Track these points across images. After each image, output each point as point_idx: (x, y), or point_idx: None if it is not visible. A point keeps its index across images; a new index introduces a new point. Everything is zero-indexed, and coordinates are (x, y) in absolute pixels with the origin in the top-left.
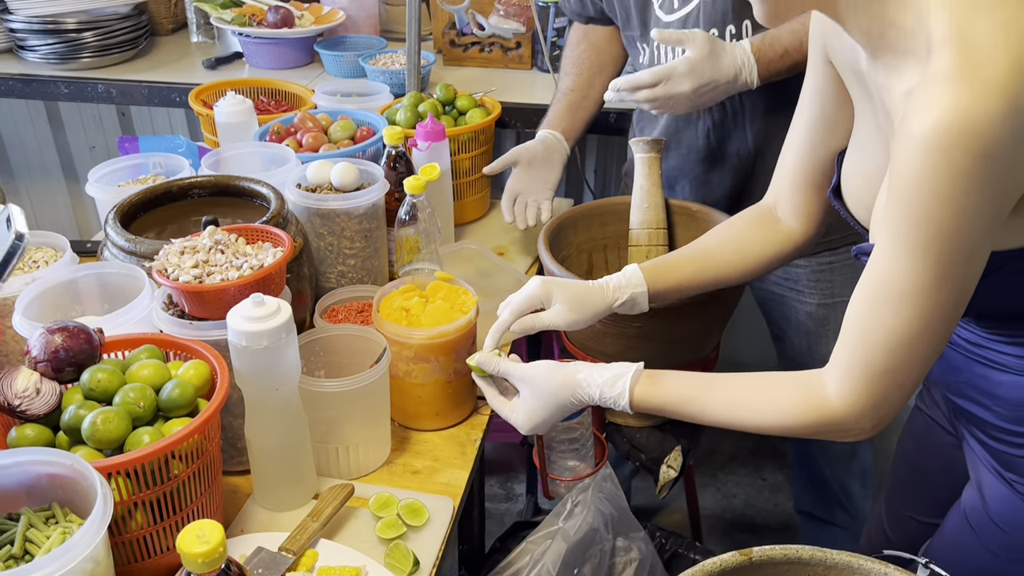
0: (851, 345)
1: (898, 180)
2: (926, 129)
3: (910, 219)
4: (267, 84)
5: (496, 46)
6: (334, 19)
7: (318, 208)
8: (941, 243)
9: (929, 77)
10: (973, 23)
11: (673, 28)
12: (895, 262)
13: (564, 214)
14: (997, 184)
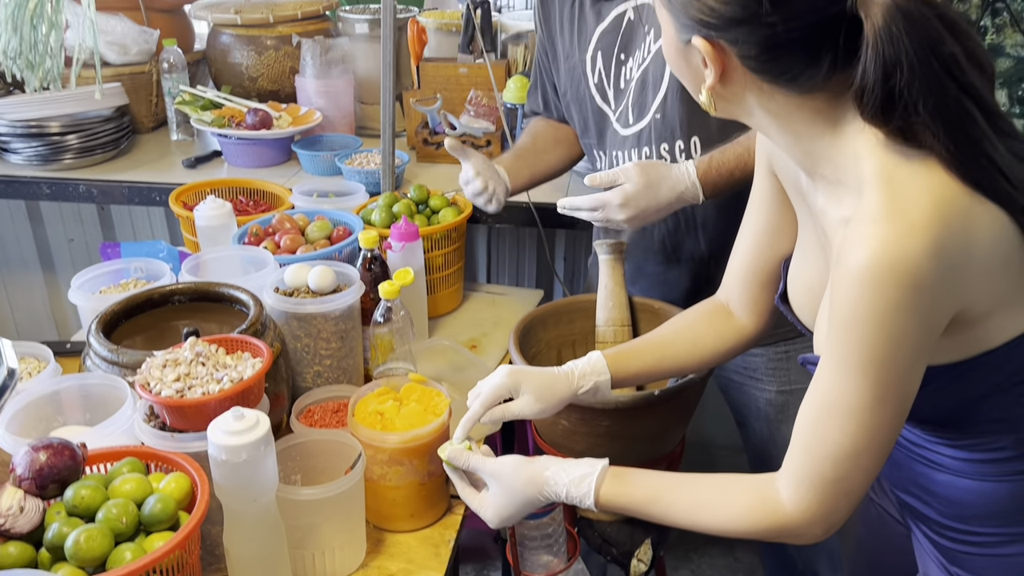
0: (801, 456)
1: (838, 308)
2: (860, 264)
3: (850, 343)
4: (245, 184)
5: (467, 144)
6: (311, 120)
7: (295, 312)
8: (878, 366)
9: (862, 215)
10: (899, 169)
11: (628, 142)
12: (838, 381)
13: (533, 313)
14: (926, 313)
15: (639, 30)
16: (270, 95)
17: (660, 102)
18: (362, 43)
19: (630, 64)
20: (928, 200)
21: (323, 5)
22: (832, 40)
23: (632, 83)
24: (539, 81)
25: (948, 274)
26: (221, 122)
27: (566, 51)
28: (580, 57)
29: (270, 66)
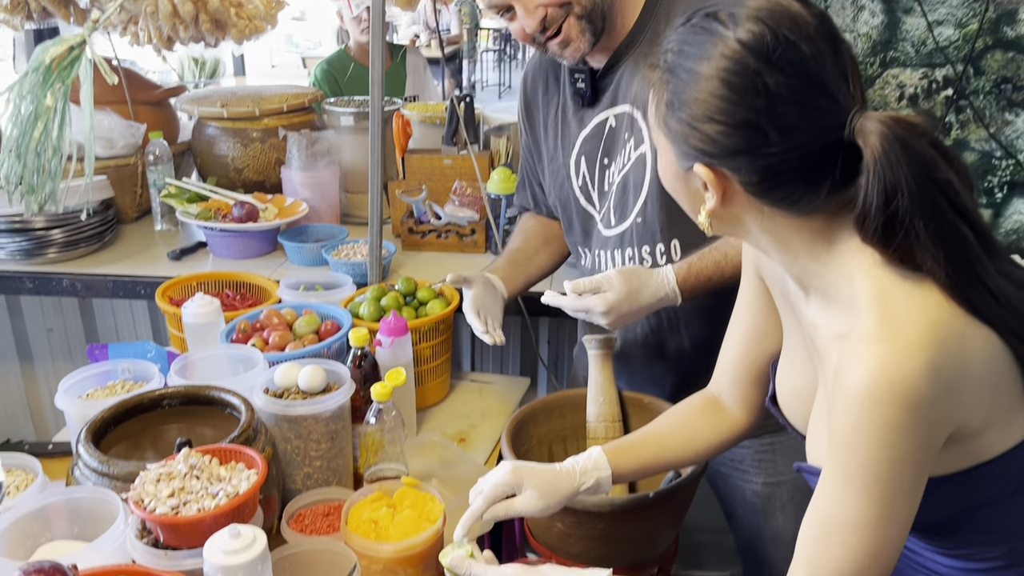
0: (805, 570)
1: (839, 427)
2: (860, 386)
3: (852, 462)
4: (231, 277)
5: (452, 233)
6: (297, 211)
7: (285, 414)
8: (881, 484)
9: (859, 335)
10: (894, 290)
11: (611, 243)
12: (841, 498)
13: (525, 410)
14: (926, 432)
15: (620, 136)
16: (256, 186)
17: (641, 206)
18: (347, 134)
19: (612, 168)
20: (924, 321)
21: (308, 98)
22: (831, 166)
23: (614, 186)
24: (526, 179)
25: (945, 393)
26: (207, 215)
27: (550, 154)
28: (564, 161)
29: (256, 157)
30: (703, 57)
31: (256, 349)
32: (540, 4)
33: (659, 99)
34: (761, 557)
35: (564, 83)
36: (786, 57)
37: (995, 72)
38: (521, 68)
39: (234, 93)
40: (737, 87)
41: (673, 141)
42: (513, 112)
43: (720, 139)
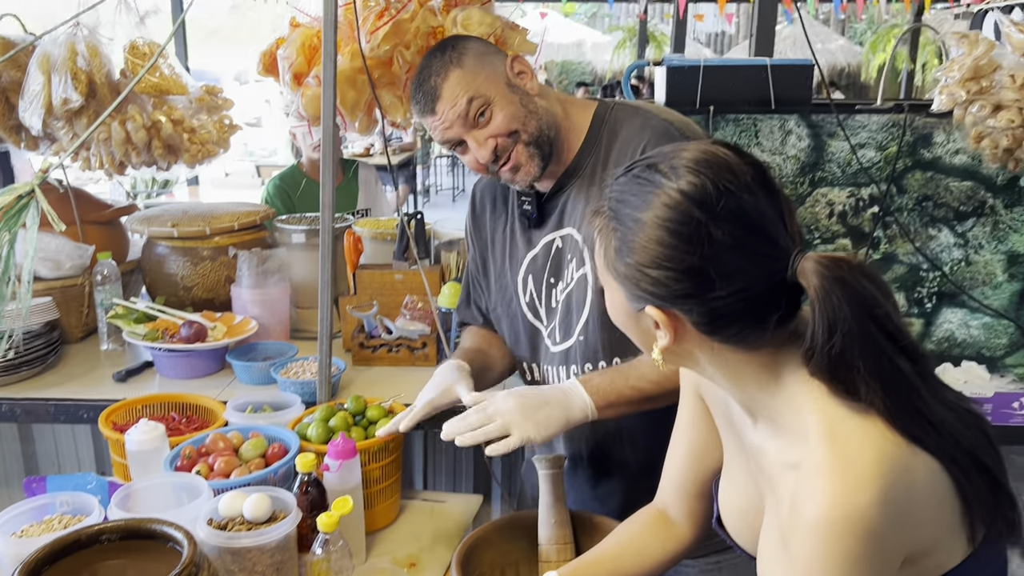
0: None
1: (797, 560)
2: (816, 519)
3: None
4: (178, 399)
5: (403, 347)
6: (246, 330)
7: (229, 546)
8: None
9: (811, 469)
10: (842, 423)
11: (557, 359)
12: None
13: (476, 533)
14: (881, 560)
15: (565, 258)
16: (205, 304)
17: (583, 325)
18: (299, 251)
19: (558, 287)
20: (872, 454)
21: (259, 215)
22: (776, 304)
23: (559, 304)
24: (472, 293)
25: (896, 522)
26: (155, 335)
27: (498, 270)
28: (512, 278)
29: (205, 276)
30: (647, 206)
31: (200, 477)
32: (489, 136)
33: (606, 244)
34: None
35: (512, 204)
36: (727, 207)
37: (916, 191)
38: (474, 173)
39: (185, 212)
40: (683, 236)
41: (623, 284)
42: (464, 223)
43: (669, 284)
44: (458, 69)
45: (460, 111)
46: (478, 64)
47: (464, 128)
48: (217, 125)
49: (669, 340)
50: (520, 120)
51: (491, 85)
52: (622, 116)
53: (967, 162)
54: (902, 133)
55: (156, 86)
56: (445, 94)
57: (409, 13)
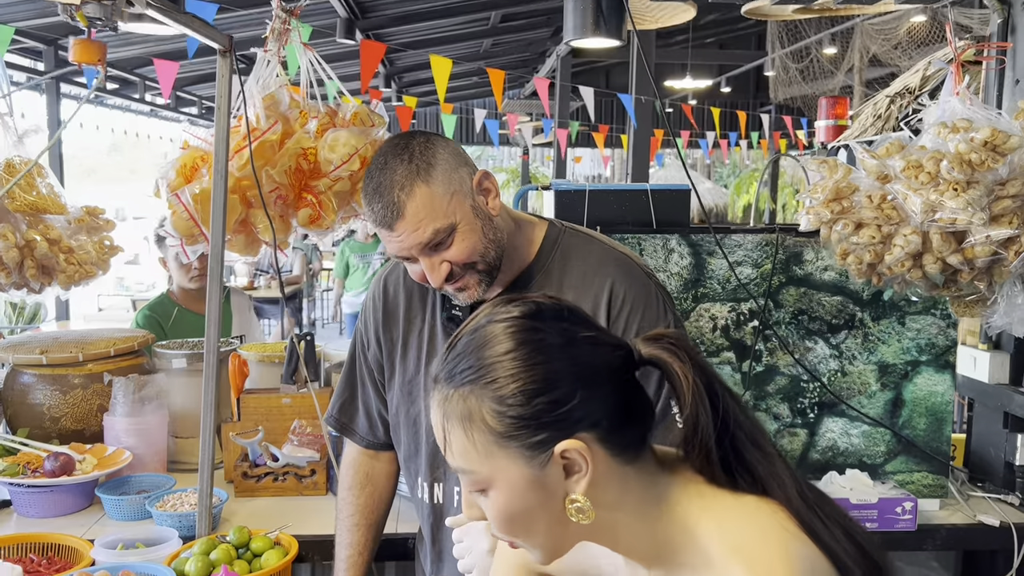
0: None
1: None
2: None
3: None
4: (38, 539)
5: (290, 475)
6: (118, 461)
7: None
8: None
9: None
10: (738, 531)
11: None
12: None
13: None
14: None
15: None
16: (74, 436)
17: None
18: (179, 377)
19: None
20: (784, 556)
21: (137, 341)
22: (642, 392)
23: None
24: (362, 397)
25: None
26: (14, 471)
27: (408, 374)
28: (427, 384)
29: (76, 405)
30: (492, 351)
31: None
32: (445, 260)
33: (482, 417)
34: None
35: (435, 303)
36: (550, 312)
37: (792, 305)
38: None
39: (56, 339)
40: (542, 345)
41: (519, 441)
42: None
43: (561, 401)
44: (425, 187)
45: (422, 240)
46: (447, 182)
47: (420, 252)
48: (97, 246)
49: (589, 471)
50: (479, 252)
51: (457, 210)
52: (575, 242)
53: (835, 278)
54: (775, 251)
55: (32, 204)
56: (409, 214)
57: (276, 135)
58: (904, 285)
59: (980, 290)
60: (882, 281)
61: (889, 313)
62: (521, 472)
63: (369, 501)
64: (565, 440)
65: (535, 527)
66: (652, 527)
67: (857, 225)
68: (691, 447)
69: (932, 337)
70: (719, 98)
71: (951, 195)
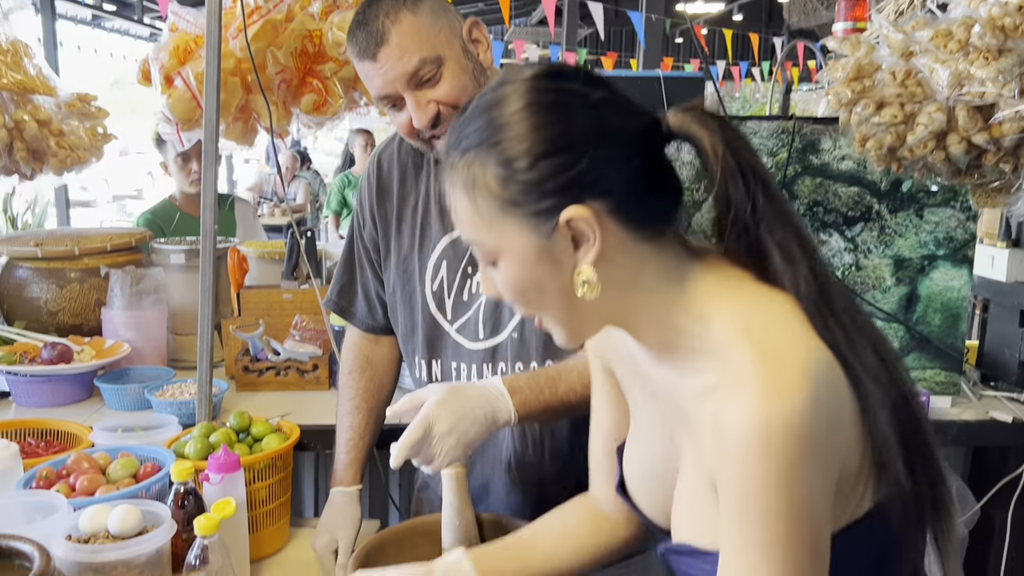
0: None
1: (728, 485)
2: (746, 429)
3: (748, 519)
4: (36, 424)
5: (292, 369)
6: (117, 352)
7: (91, 562)
8: (785, 536)
9: (732, 377)
10: (758, 324)
11: (476, 356)
12: (747, 565)
13: (371, 541)
14: (819, 468)
15: None
16: (72, 329)
17: (519, 322)
18: (177, 273)
19: (478, 278)
20: (799, 348)
21: (135, 237)
22: (667, 166)
23: (481, 297)
24: (360, 280)
25: (830, 426)
26: (11, 359)
27: (402, 251)
28: (420, 262)
29: (73, 299)
30: (502, 111)
31: (59, 494)
32: (432, 100)
33: (485, 181)
34: None
35: (429, 178)
36: (572, 74)
37: (807, 196)
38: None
39: (51, 233)
40: (553, 105)
41: (524, 208)
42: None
43: (571, 165)
44: (411, 16)
45: (407, 69)
46: (435, 16)
47: (406, 86)
48: (89, 133)
49: (598, 241)
50: (469, 93)
51: (447, 45)
52: None
53: (853, 168)
54: (791, 139)
55: (20, 83)
56: (392, 40)
57: (282, 14)
58: (925, 172)
59: (1005, 174)
60: (902, 168)
61: (907, 205)
62: (528, 242)
63: (369, 385)
64: (572, 207)
65: (547, 302)
66: (667, 312)
67: (879, 105)
68: (719, 229)
69: (951, 231)
70: (731, 26)
71: (981, 64)
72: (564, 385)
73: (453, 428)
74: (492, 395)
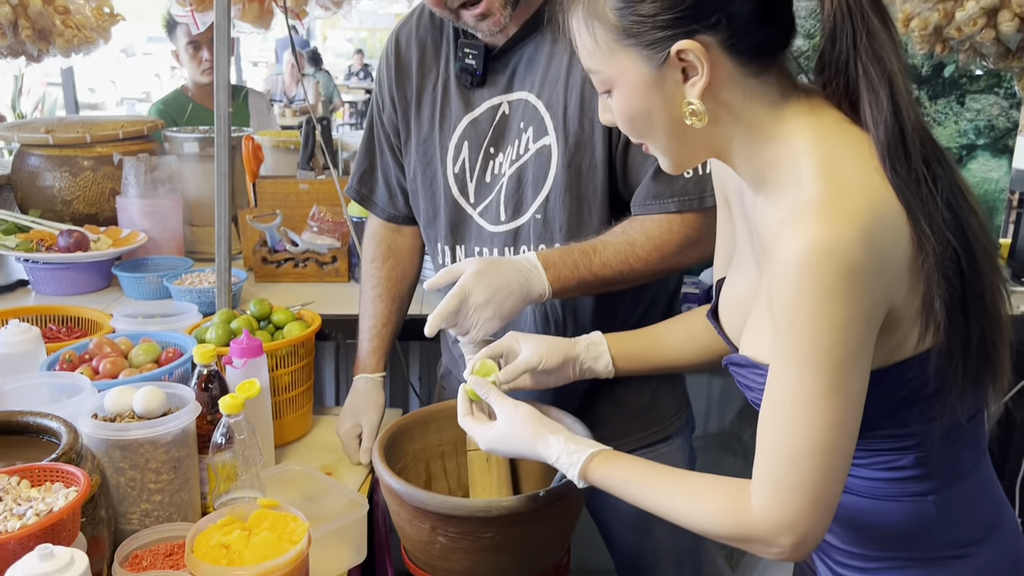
0: (762, 460)
1: (778, 300)
2: (796, 252)
3: (794, 334)
4: (56, 311)
5: (311, 261)
6: (134, 241)
7: (118, 439)
8: (823, 355)
9: (799, 207)
10: (834, 162)
11: (498, 240)
12: (786, 376)
13: (397, 423)
14: (864, 301)
15: (513, 125)
16: (87, 219)
17: (542, 202)
18: (191, 162)
19: (500, 159)
20: (862, 190)
21: (147, 125)
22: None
23: (503, 179)
24: (381, 166)
25: (880, 264)
26: (28, 246)
27: (422, 133)
28: (441, 143)
29: (87, 188)
30: None
31: (83, 376)
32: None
33: (605, 14)
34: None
35: (448, 57)
36: None
37: None
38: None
39: (61, 120)
40: None
41: (639, 39)
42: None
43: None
44: None
45: None
46: None
47: None
48: (96, 12)
49: (706, 73)
50: None
51: None
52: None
53: None
54: None
55: None
56: None
57: None
58: (971, 54)
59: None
60: (947, 49)
61: (948, 92)
62: (640, 72)
63: (392, 273)
64: (683, 40)
65: (655, 130)
66: (763, 145)
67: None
68: (826, 67)
69: (992, 119)
70: None
71: None
72: (598, 260)
73: (490, 299)
74: (526, 268)
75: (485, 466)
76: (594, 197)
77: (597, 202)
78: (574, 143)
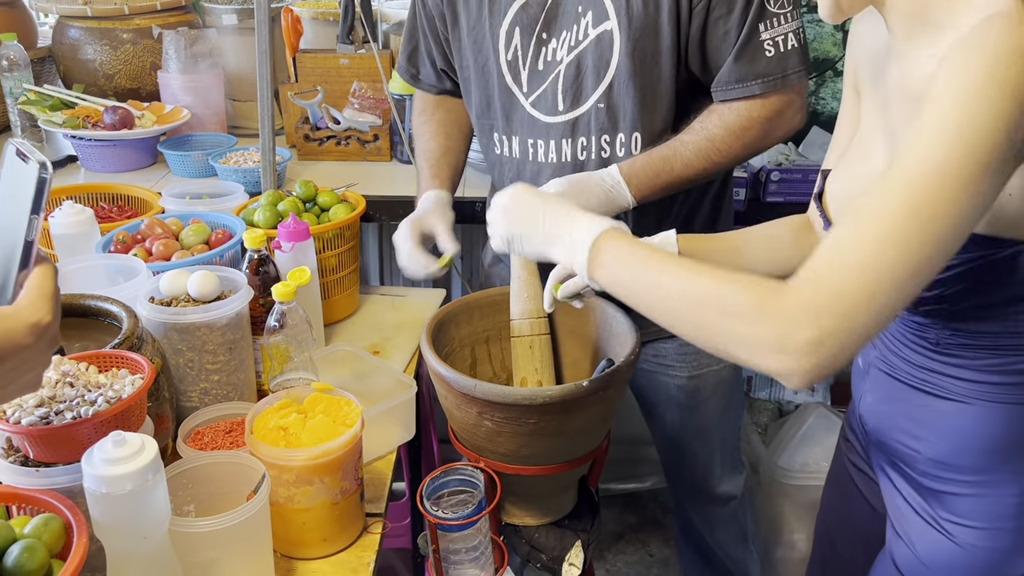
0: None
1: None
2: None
3: (940, 108)
4: (107, 189)
5: (353, 139)
6: (178, 118)
7: (175, 323)
8: (967, 136)
9: (986, 15)
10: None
11: (555, 131)
12: (911, 147)
13: (444, 310)
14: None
15: (569, 11)
16: (130, 93)
17: (604, 91)
18: (231, 36)
19: (553, 45)
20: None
21: None
22: None
23: (560, 66)
24: (425, 48)
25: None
26: (75, 123)
27: (471, 20)
28: (492, 30)
29: (128, 62)
30: None
31: (138, 259)
32: None
33: None
34: (683, 452)
35: None
36: None
37: None
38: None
39: None
40: None
41: None
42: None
43: None
44: None
45: None
46: None
47: None
48: None
49: None
50: None
51: None
52: None
53: None
54: None
55: None
56: None
57: None
58: None
59: None
60: None
61: None
62: None
63: (447, 116)
64: None
65: None
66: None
67: None
68: None
69: None
70: None
71: None
72: (679, 163)
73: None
74: (608, 184)
75: (528, 352)
76: (660, 84)
77: (664, 89)
78: (639, 28)
